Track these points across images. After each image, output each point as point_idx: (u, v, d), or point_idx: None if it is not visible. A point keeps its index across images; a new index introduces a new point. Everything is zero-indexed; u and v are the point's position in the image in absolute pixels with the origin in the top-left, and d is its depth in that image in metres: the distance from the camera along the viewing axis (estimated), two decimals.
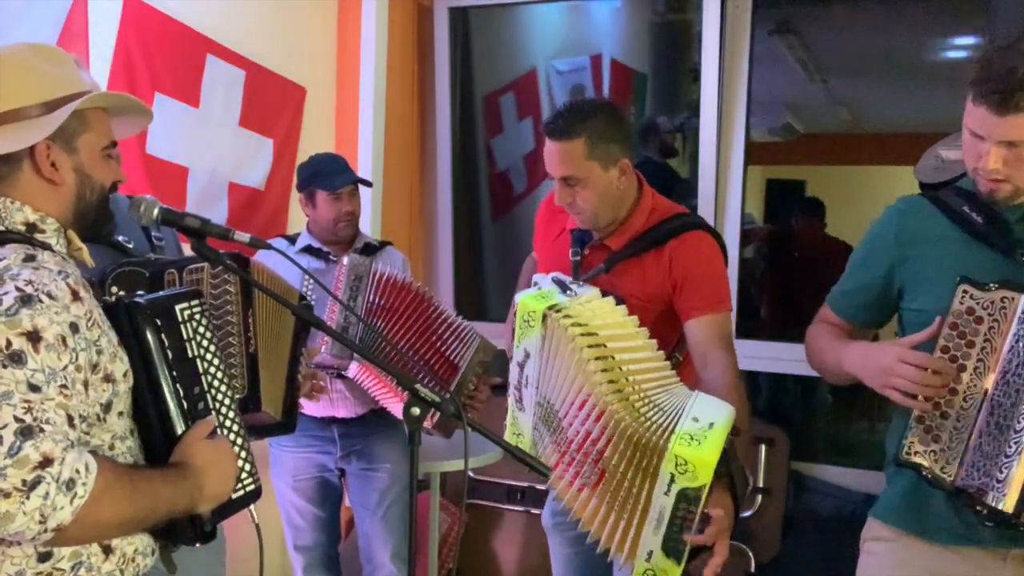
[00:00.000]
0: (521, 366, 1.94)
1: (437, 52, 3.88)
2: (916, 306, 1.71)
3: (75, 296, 1.27)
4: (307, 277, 2.51)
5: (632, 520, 1.70)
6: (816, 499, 3.35)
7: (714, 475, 1.61)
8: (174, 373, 1.43)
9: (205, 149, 2.86)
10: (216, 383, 1.52)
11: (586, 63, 4.37)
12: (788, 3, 4.02)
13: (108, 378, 1.33)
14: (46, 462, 1.16)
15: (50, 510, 1.16)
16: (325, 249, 2.72)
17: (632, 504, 1.70)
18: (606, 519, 1.76)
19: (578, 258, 2.18)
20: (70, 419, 1.22)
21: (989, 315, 1.56)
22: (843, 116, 4.94)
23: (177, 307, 1.47)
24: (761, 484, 3.28)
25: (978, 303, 1.56)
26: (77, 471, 1.19)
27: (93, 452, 1.26)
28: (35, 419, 1.17)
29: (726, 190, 3.45)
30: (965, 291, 1.57)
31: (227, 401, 1.54)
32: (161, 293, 1.53)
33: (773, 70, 4.20)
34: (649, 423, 1.67)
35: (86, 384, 1.27)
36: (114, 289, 1.76)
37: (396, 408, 2.55)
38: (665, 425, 1.66)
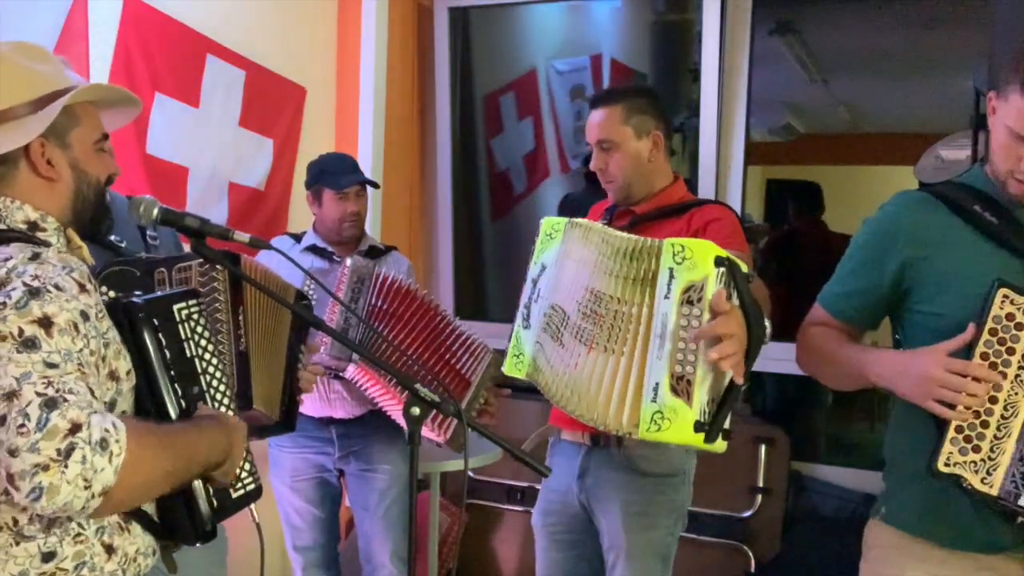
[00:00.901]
0: (535, 281, 1.95)
1: (437, 52, 3.88)
2: (932, 309, 1.65)
3: (82, 288, 1.28)
4: (308, 277, 2.51)
5: (633, 350, 1.64)
6: (816, 499, 3.35)
7: (720, 282, 1.58)
8: (171, 373, 1.42)
9: (205, 149, 2.86)
10: (215, 382, 1.52)
11: (586, 63, 4.37)
12: (788, 3, 4.02)
13: (113, 375, 1.33)
14: (75, 428, 1.15)
15: (91, 472, 1.15)
16: (329, 249, 2.72)
17: (633, 327, 1.65)
18: (603, 371, 1.69)
19: (606, 221, 2.21)
20: (91, 391, 1.22)
21: None
22: (843, 116, 4.94)
23: (175, 307, 1.47)
24: (761, 484, 3.28)
25: (1019, 309, 1.50)
26: (107, 430, 1.18)
27: None
28: (57, 391, 1.17)
29: (726, 190, 3.45)
30: (1005, 296, 1.51)
31: (226, 400, 1.54)
32: (159, 293, 1.54)
33: (773, 70, 4.20)
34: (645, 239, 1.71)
35: (97, 369, 1.28)
36: (104, 289, 1.75)
37: (394, 411, 2.54)
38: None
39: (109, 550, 1.34)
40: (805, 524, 3.31)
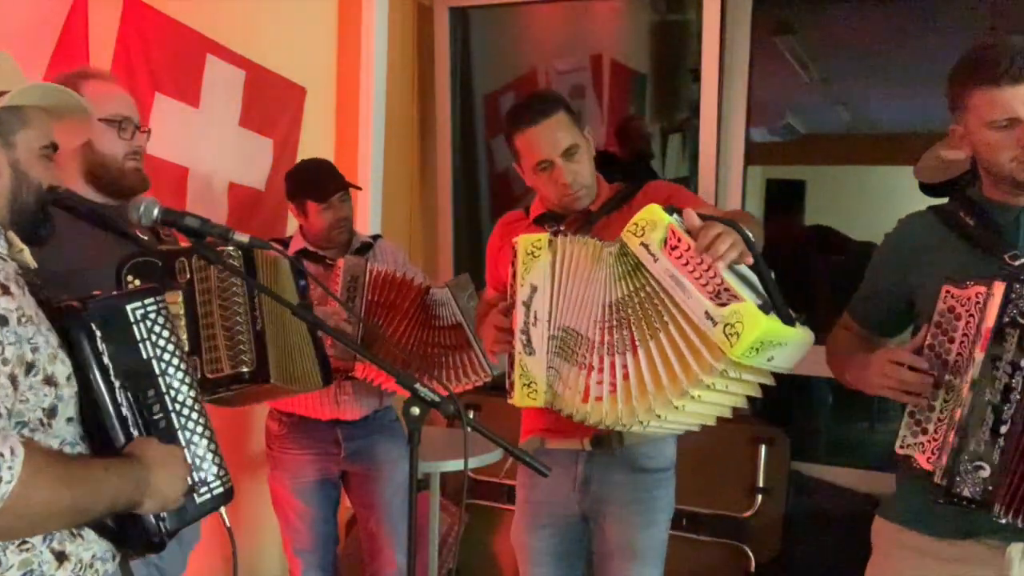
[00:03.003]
0: (527, 304, 1.92)
1: (437, 52, 3.88)
2: (918, 312, 1.77)
3: (4, 291, 1.23)
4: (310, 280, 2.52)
5: (673, 313, 1.72)
6: (816, 499, 3.35)
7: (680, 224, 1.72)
8: (113, 381, 1.36)
9: (205, 149, 2.86)
10: (176, 383, 1.47)
11: (586, 63, 4.36)
12: (788, 3, 4.01)
13: (49, 381, 1.29)
14: None
15: None
16: (321, 253, 2.73)
17: (658, 301, 1.74)
18: (662, 352, 1.74)
19: (560, 227, 2.15)
20: None
21: (967, 311, 1.60)
22: (843, 116, 4.94)
23: (128, 307, 1.43)
24: (761, 484, 3.28)
25: (958, 301, 1.60)
26: (1, 454, 1.12)
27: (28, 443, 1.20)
28: None
29: (726, 190, 3.44)
30: (947, 291, 1.62)
31: (189, 401, 1.49)
32: (113, 293, 1.51)
33: (773, 70, 4.19)
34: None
35: (13, 379, 1.22)
36: (129, 278, 1.82)
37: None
38: None
39: (60, 557, 1.30)
40: (805, 524, 3.30)
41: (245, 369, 1.89)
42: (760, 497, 3.27)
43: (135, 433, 1.38)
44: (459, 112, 3.96)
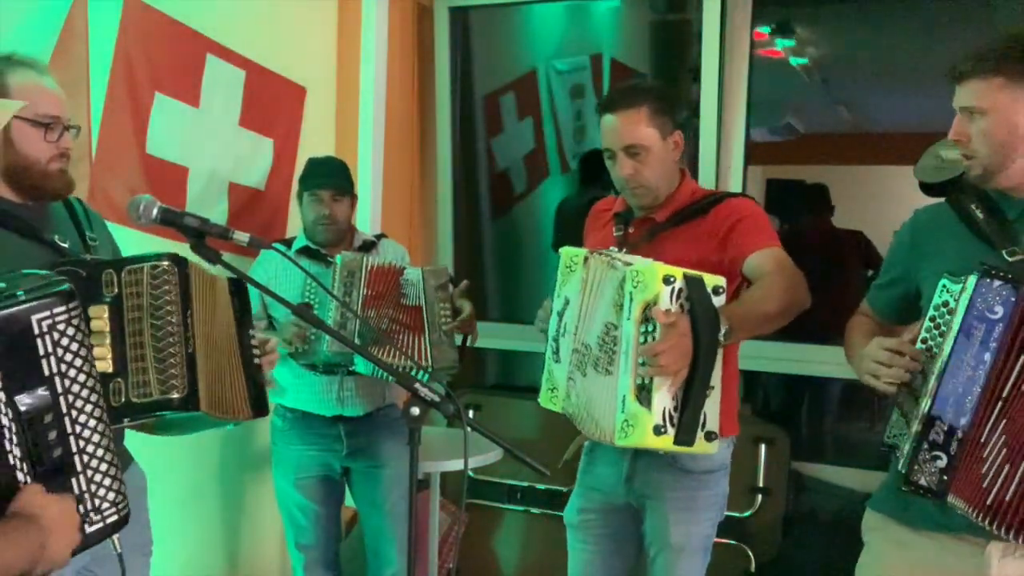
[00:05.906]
0: (560, 315, 2.01)
1: (437, 52, 3.87)
2: (923, 304, 1.75)
3: None
4: (309, 280, 2.53)
5: (619, 369, 1.78)
6: (816, 499, 3.35)
7: (673, 297, 1.72)
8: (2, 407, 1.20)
9: (205, 149, 2.86)
10: (80, 403, 1.32)
11: (586, 63, 4.37)
12: (788, 3, 4.02)
13: None
14: None
15: None
16: (323, 251, 2.74)
17: (619, 348, 1.79)
18: (605, 392, 1.83)
19: (621, 233, 2.18)
20: None
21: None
22: (843, 116, 4.94)
23: (34, 318, 1.23)
24: (761, 484, 3.28)
25: (952, 295, 1.60)
26: None
27: None
28: None
29: (726, 190, 3.44)
30: (944, 286, 1.62)
31: (92, 423, 1.33)
32: (11, 302, 1.25)
33: (773, 70, 4.20)
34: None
35: None
36: None
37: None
38: None
39: None
40: (805, 524, 3.30)
41: (176, 395, 1.71)
42: (760, 497, 3.28)
43: (22, 469, 1.21)
44: (459, 112, 3.96)
